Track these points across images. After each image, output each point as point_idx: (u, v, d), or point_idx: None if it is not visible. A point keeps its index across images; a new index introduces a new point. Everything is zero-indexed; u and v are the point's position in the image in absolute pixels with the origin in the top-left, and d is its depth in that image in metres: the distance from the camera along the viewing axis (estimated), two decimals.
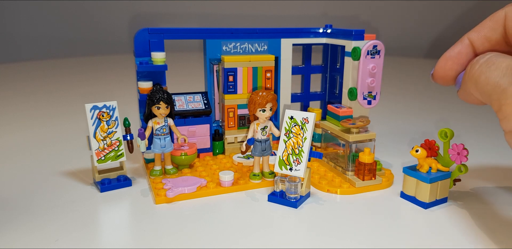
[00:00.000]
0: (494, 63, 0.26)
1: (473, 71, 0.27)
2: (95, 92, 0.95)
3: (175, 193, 0.37)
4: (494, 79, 0.25)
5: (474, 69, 0.27)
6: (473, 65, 0.28)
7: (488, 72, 0.26)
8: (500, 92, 0.25)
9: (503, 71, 0.25)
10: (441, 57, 0.32)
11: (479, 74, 0.27)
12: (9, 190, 0.40)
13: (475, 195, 0.40)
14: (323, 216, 0.35)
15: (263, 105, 0.40)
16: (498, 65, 0.26)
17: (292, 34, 0.49)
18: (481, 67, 0.27)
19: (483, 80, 0.26)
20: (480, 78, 0.27)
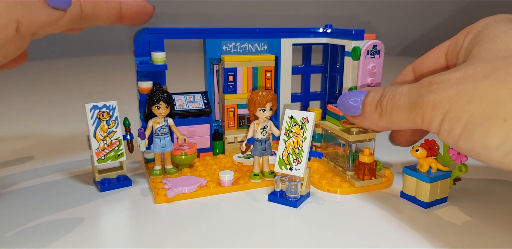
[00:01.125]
0: (396, 94, 0.31)
1: (384, 110, 0.32)
2: (95, 92, 0.95)
3: (175, 193, 0.37)
4: (404, 105, 0.30)
5: (385, 108, 0.32)
6: (382, 105, 0.32)
7: (397, 103, 0.30)
8: (415, 108, 0.28)
9: (407, 95, 0.30)
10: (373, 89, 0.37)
11: (390, 110, 0.31)
12: (9, 189, 0.40)
13: (475, 194, 0.40)
14: (323, 216, 0.35)
15: (263, 105, 0.40)
16: (400, 94, 0.30)
17: (292, 34, 0.49)
18: (388, 103, 0.31)
19: (396, 111, 0.30)
20: (393, 111, 0.31)
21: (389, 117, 0.31)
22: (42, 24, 0.29)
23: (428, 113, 0.27)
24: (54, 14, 0.30)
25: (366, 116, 0.34)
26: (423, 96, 0.28)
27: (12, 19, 0.27)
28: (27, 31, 0.29)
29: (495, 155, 0.25)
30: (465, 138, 0.26)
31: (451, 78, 0.27)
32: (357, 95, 0.34)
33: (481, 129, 0.25)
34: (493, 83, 0.25)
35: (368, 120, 0.34)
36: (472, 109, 0.25)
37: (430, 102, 0.27)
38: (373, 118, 0.33)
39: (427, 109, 0.27)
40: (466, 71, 0.27)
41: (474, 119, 0.25)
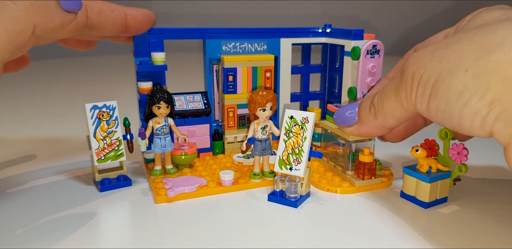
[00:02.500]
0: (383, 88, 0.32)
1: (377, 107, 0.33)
2: (95, 92, 0.95)
3: (176, 193, 0.38)
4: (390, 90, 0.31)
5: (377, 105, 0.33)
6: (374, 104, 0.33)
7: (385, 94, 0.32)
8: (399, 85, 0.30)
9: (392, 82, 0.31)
10: (365, 96, 0.40)
11: (381, 104, 0.32)
12: (9, 189, 0.40)
13: (475, 194, 0.40)
14: (323, 216, 0.35)
15: (263, 105, 0.40)
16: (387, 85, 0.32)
17: (292, 33, 0.49)
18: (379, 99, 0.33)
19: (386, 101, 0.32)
20: (384, 103, 0.32)
21: (382, 111, 0.32)
22: (55, 28, 0.30)
23: (409, 83, 0.28)
24: (67, 17, 0.31)
25: (363, 121, 0.35)
26: (404, 71, 0.29)
27: (30, 23, 0.28)
28: (42, 34, 0.30)
29: (455, 109, 0.26)
30: (433, 97, 0.27)
31: (428, 49, 0.28)
32: (352, 107, 0.36)
33: (445, 83, 0.26)
34: (462, 42, 0.26)
35: (365, 123, 0.35)
36: (441, 67, 0.26)
37: (410, 73, 0.28)
38: (369, 120, 0.34)
39: (408, 80, 0.28)
40: (444, 41, 0.28)
41: (441, 75, 0.26)
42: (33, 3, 0.28)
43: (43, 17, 0.29)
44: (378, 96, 0.33)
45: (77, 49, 0.43)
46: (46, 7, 0.29)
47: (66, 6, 0.30)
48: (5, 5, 0.27)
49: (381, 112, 0.32)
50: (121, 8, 0.37)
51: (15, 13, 0.27)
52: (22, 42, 0.29)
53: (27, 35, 0.28)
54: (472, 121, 0.25)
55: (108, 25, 0.36)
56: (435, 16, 1.85)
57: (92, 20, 0.34)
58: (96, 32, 0.36)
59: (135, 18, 0.38)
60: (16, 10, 0.27)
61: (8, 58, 0.29)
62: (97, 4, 0.35)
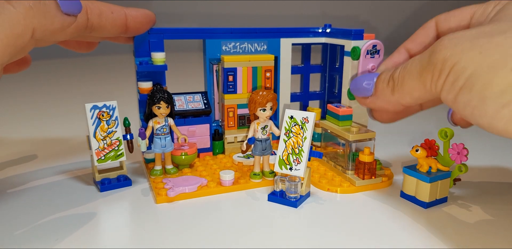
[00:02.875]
0: (407, 63, 0.30)
1: (396, 82, 0.31)
2: (95, 92, 0.95)
3: (176, 193, 0.38)
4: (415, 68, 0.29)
5: (397, 80, 0.31)
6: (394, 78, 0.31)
7: (408, 70, 0.30)
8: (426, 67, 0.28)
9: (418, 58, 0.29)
10: (381, 65, 0.37)
11: (402, 79, 0.30)
12: (9, 189, 0.40)
13: (475, 194, 0.40)
14: (323, 216, 0.35)
15: (263, 105, 0.40)
16: (412, 61, 0.30)
17: (292, 33, 0.49)
18: (400, 74, 0.31)
19: (408, 79, 0.30)
20: (405, 80, 0.30)
21: (401, 88, 0.30)
22: (55, 30, 0.30)
23: (438, 67, 0.27)
24: (67, 20, 0.30)
25: (379, 94, 0.33)
26: (435, 53, 0.27)
27: (29, 27, 0.28)
28: (41, 37, 0.30)
29: (490, 108, 0.24)
30: (465, 90, 0.25)
31: (465, 34, 0.26)
32: (370, 78, 0.34)
33: (484, 78, 0.24)
34: (509, 36, 0.24)
35: (380, 98, 0.33)
36: (481, 59, 0.24)
37: (441, 57, 0.26)
38: (385, 94, 0.32)
39: (437, 64, 0.27)
40: (483, 28, 0.26)
41: (481, 69, 0.24)
42: (32, 7, 0.28)
43: (43, 20, 0.29)
44: (400, 71, 0.31)
45: (78, 51, 0.43)
46: (45, 10, 0.29)
47: (66, 9, 0.30)
48: (4, 8, 0.27)
49: (400, 88, 0.30)
50: (121, 8, 0.37)
51: (14, 16, 0.27)
52: (21, 45, 0.28)
53: (27, 38, 0.28)
54: (508, 124, 0.23)
55: (109, 26, 0.36)
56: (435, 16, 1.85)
57: (92, 22, 0.34)
58: (96, 33, 0.36)
59: (135, 19, 0.38)
60: (15, 13, 0.27)
61: (7, 61, 0.29)
62: (97, 5, 0.35)
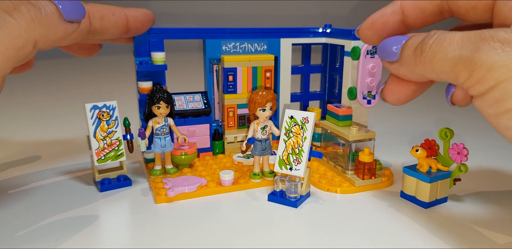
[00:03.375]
0: (445, 40, 0.26)
1: (424, 54, 0.27)
2: (95, 92, 0.95)
3: (176, 193, 0.38)
4: (452, 54, 0.25)
5: (425, 52, 0.27)
6: (423, 48, 0.27)
7: (444, 50, 0.26)
8: (466, 62, 0.24)
9: (459, 43, 0.25)
10: (369, 18, 0.31)
11: (432, 55, 0.26)
12: (9, 189, 0.40)
13: (475, 194, 0.40)
14: (323, 216, 0.35)
15: (263, 105, 0.40)
16: (451, 41, 0.25)
17: (292, 33, 0.49)
18: (432, 48, 0.26)
19: (440, 59, 0.26)
20: (436, 58, 0.26)
21: (429, 63, 0.27)
22: (58, 40, 0.30)
23: (480, 72, 0.24)
24: (70, 28, 0.30)
25: (403, 61, 0.29)
26: (480, 51, 0.24)
27: (31, 39, 0.28)
28: (44, 47, 0.30)
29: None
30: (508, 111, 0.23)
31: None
32: (399, 42, 0.30)
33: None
34: None
35: (404, 65, 0.29)
36: None
37: (487, 62, 0.23)
38: (409, 62, 0.29)
39: (480, 68, 0.24)
40: None
41: None
42: (34, 18, 0.27)
43: (45, 32, 0.28)
44: (433, 44, 0.26)
45: (79, 55, 0.42)
46: (47, 21, 0.28)
47: (69, 16, 0.29)
48: (5, 21, 0.27)
49: (428, 63, 0.27)
50: (121, 10, 0.37)
51: (15, 29, 0.27)
52: (22, 56, 0.28)
53: (28, 50, 0.28)
54: None
55: (111, 28, 0.36)
56: None
57: (95, 26, 0.34)
58: (99, 36, 0.36)
59: (136, 19, 0.38)
60: (16, 26, 0.27)
61: (9, 72, 0.29)
62: (98, 9, 0.35)
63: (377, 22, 0.31)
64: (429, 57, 0.27)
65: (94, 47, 0.43)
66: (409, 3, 0.30)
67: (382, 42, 0.31)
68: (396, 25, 0.30)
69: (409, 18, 0.30)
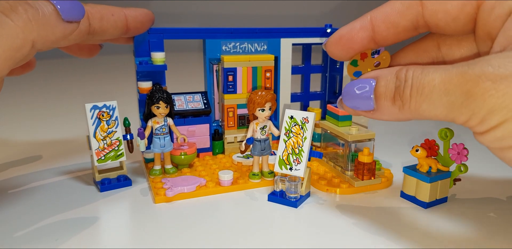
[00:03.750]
0: (423, 86, 0.23)
1: (407, 105, 0.24)
2: (95, 92, 0.95)
3: (175, 193, 0.37)
4: (440, 101, 0.23)
5: (408, 102, 0.24)
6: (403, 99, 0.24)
7: (428, 99, 0.23)
8: (459, 108, 0.22)
9: (442, 89, 0.22)
10: (336, 32, 0.28)
11: (417, 105, 0.24)
12: (10, 189, 0.40)
13: (475, 195, 0.40)
14: (323, 216, 0.35)
15: (262, 105, 0.40)
16: (431, 86, 0.23)
17: (292, 33, 0.49)
18: (413, 97, 0.24)
19: (427, 108, 0.24)
20: (422, 107, 0.24)
21: (415, 111, 0.24)
22: (56, 40, 0.29)
23: (479, 116, 0.22)
24: (68, 28, 0.30)
25: (384, 112, 0.26)
26: (473, 96, 0.22)
27: (28, 40, 0.28)
28: (42, 48, 0.29)
29: None
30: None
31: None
32: (365, 86, 0.27)
33: None
34: None
35: (387, 114, 0.26)
36: None
37: (486, 107, 0.21)
38: (392, 112, 0.26)
39: (479, 113, 0.22)
40: None
41: None
42: (31, 19, 0.27)
43: (43, 32, 0.28)
44: (412, 93, 0.24)
45: (80, 56, 0.42)
46: (45, 21, 0.28)
47: (67, 16, 0.29)
48: (2, 22, 0.26)
49: (414, 111, 0.25)
50: (120, 10, 0.37)
51: (13, 30, 0.27)
52: (20, 57, 0.28)
53: (26, 50, 0.28)
54: None
55: (110, 28, 0.36)
56: None
57: (94, 26, 0.34)
58: (98, 37, 0.36)
59: (135, 19, 0.38)
60: (14, 27, 0.27)
61: (7, 73, 0.29)
62: (97, 9, 0.35)
63: (344, 38, 0.28)
64: (414, 107, 0.24)
65: (95, 48, 0.42)
66: (380, 17, 0.27)
67: (344, 90, 0.28)
68: (364, 42, 0.28)
69: (379, 34, 0.27)
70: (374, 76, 0.26)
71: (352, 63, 0.29)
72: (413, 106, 0.24)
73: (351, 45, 0.28)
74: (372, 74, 0.27)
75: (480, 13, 0.25)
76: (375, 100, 0.26)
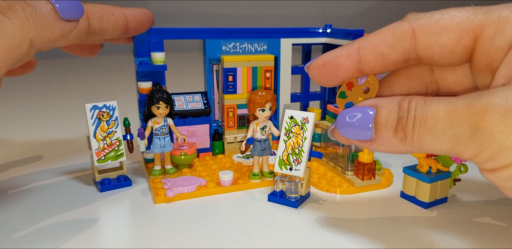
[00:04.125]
0: (427, 118, 0.22)
1: (410, 137, 0.23)
2: (95, 92, 0.95)
3: (175, 193, 0.37)
4: (444, 134, 0.21)
5: (410, 135, 0.23)
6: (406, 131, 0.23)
7: (431, 131, 0.22)
8: (467, 142, 0.21)
9: (447, 121, 0.21)
10: (321, 56, 0.26)
11: (421, 137, 0.22)
12: (9, 189, 0.40)
13: (475, 195, 0.40)
14: (322, 216, 0.35)
15: (262, 105, 0.40)
16: (435, 118, 0.22)
17: (292, 34, 0.49)
18: (416, 129, 0.22)
19: (430, 141, 0.22)
20: (425, 140, 0.22)
21: (418, 144, 0.23)
22: (55, 39, 0.29)
23: (488, 153, 0.21)
24: (67, 27, 0.30)
25: (383, 143, 0.25)
26: (480, 130, 0.20)
27: (26, 38, 0.27)
28: (41, 47, 0.29)
29: None
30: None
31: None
32: (363, 114, 0.25)
33: None
34: None
35: (386, 145, 0.25)
36: None
37: (496, 143, 0.20)
38: (392, 143, 0.24)
39: (489, 149, 0.20)
40: None
41: None
42: (29, 18, 0.27)
43: (41, 31, 0.28)
44: (416, 125, 0.23)
45: (81, 55, 0.42)
46: (43, 20, 0.28)
47: (65, 15, 0.29)
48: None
49: (416, 144, 0.23)
50: (120, 10, 0.37)
51: (10, 29, 0.26)
52: (19, 56, 0.28)
53: (24, 49, 0.28)
54: None
55: (110, 28, 0.36)
56: None
57: (93, 26, 0.34)
58: (98, 36, 0.36)
59: (135, 19, 0.38)
60: (11, 26, 0.27)
61: (5, 72, 0.29)
62: (97, 9, 0.35)
63: (328, 64, 0.26)
64: (416, 140, 0.23)
65: (95, 47, 0.43)
66: (368, 47, 0.25)
67: (339, 119, 0.26)
68: (350, 71, 0.26)
69: (366, 65, 0.25)
70: (373, 105, 0.25)
71: (340, 95, 0.27)
72: (416, 139, 0.23)
73: (335, 73, 0.26)
74: (370, 103, 0.25)
75: (479, 45, 0.23)
76: (374, 130, 0.24)
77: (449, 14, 0.24)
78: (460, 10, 0.23)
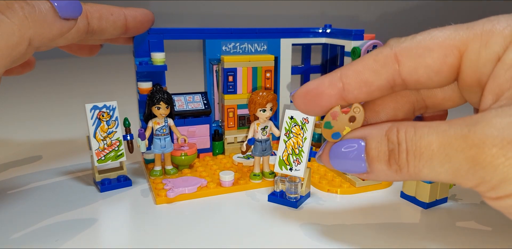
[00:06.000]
0: (421, 151, 0.21)
1: (405, 169, 0.22)
2: (95, 92, 0.95)
3: (176, 193, 0.37)
4: (441, 167, 0.21)
5: (405, 167, 0.22)
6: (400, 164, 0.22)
7: (427, 164, 0.21)
8: (466, 175, 0.20)
9: (443, 154, 0.20)
10: (304, 85, 0.25)
11: (417, 170, 0.22)
12: (9, 189, 0.40)
13: (475, 195, 0.40)
14: (323, 216, 0.35)
15: (263, 105, 0.40)
16: (429, 151, 0.21)
17: (292, 34, 0.49)
18: (410, 162, 0.22)
19: (428, 174, 0.21)
20: (422, 173, 0.22)
21: (416, 175, 0.22)
22: (54, 37, 0.29)
23: (490, 184, 0.20)
24: (66, 26, 0.30)
25: (379, 174, 0.24)
26: (480, 164, 0.20)
27: (25, 37, 0.27)
28: (39, 45, 0.29)
29: None
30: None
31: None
32: (353, 147, 0.24)
33: None
34: None
35: (383, 177, 0.24)
36: None
37: (497, 176, 0.19)
38: (388, 175, 0.23)
39: (491, 181, 0.20)
40: None
41: None
42: (27, 16, 0.27)
43: (39, 29, 0.28)
44: (410, 157, 0.22)
45: (80, 55, 0.42)
46: (42, 18, 0.28)
47: (64, 13, 0.29)
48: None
49: (413, 175, 0.22)
50: (119, 9, 0.37)
51: (8, 27, 0.26)
52: (17, 55, 0.28)
53: (23, 48, 0.28)
54: None
55: (109, 28, 0.36)
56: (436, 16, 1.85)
57: (93, 26, 0.34)
58: (97, 36, 0.36)
59: (135, 19, 0.38)
60: (9, 25, 0.26)
61: (4, 71, 0.29)
62: (96, 9, 0.35)
63: (311, 93, 0.25)
64: (413, 172, 0.22)
65: (95, 46, 0.42)
66: (351, 74, 0.24)
67: (332, 152, 0.25)
68: (332, 99, 0.25)
69: (350, 93, 0.24)
70: (361, 136, 0.24)
71: (325, 126, 0.26)
72: (412, 171, 0.22)
73: (318, 101, 0.25)
74: (359, 134, 0.24)
75: (465, 61, 0.23)
76: (367, 163, 0.24)
77: (431, 35, 0.23)
78: (441, 29, 0.23)
